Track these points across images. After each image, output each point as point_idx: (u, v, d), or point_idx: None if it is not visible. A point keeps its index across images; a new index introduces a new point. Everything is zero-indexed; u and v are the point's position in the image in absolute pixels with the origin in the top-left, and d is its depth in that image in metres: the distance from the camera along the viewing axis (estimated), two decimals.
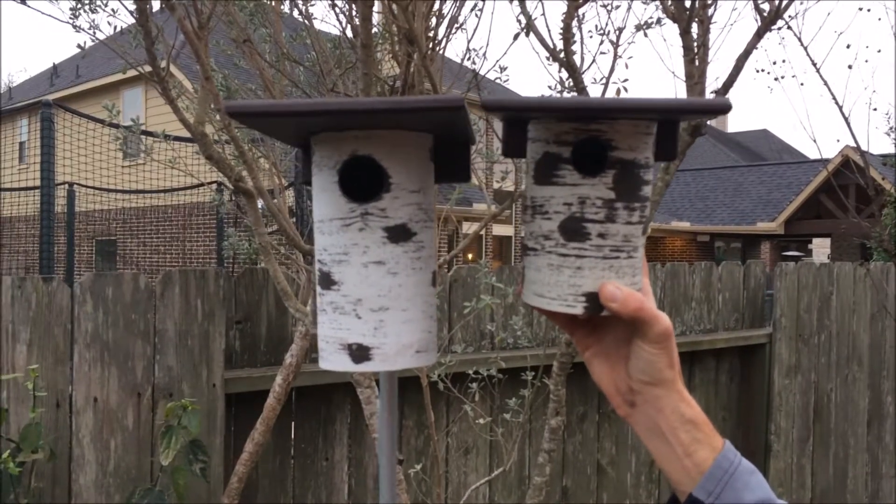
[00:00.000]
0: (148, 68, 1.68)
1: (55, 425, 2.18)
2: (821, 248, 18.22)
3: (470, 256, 12.81)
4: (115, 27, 2.10)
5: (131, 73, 2.09)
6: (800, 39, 3.15)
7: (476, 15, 2.15)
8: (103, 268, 12.82)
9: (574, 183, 0.65)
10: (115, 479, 2.26)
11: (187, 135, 1.72)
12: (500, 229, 17.89)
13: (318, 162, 0.68)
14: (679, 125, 0.69)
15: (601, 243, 0.65)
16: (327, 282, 0.68)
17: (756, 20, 1.87)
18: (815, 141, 3.70)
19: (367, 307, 0.66)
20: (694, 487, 0.66)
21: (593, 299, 0.65)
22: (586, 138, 0.64)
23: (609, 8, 2.04)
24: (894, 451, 4.65)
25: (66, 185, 7.94)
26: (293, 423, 2.70)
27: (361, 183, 0.67)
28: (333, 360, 0.68)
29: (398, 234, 0.67)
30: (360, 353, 0.67)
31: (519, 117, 0.69)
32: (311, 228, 2.66)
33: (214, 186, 7.18)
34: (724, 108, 0.62)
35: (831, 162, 12.10)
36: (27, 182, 8.43)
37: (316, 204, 0.69)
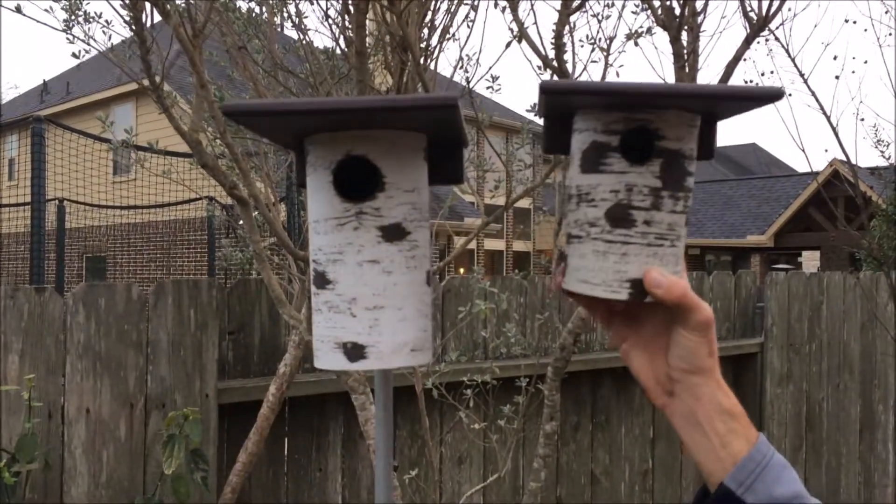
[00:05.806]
0: (144, 80, 1.68)
1: (47, 436, 2.17)
2: (810, 261, 18.30)
3: (462, 271, 12.82)
4: (109, 36, 2.10)
5: (122, 89, 2.10)
6: (787, 50, 3.19)
7: (468, 25, 2.17)
8: None
9: (622, 171, 0.65)
10: (107, 490, 2.24)
11: (179, 149, 1.72)
12: (491, 243, 17.92)
13: (313, 162, 0.68)
14: (716, 124, 0.69)
15: (647, 230, 0.65)
16: (322, 281, 0.68)
17: (745, 27, 1.90)
18: (803, 151, 3.73)
19: (362, 306, 0.67)
20: (725, 477, 0.66)
21: (638, 285, 0.66)
22: (635, 127, 0.64)
23: (600, 17, 2.06)
24: (886, 460, 4.66)
25: (57, 201, 7.92)
26: (286, 434, 2.69)
27: (356, 182, 0.67)
28: (328, 359, 0.68)
29: (393, 233, 0.67)
30: (355, 351, 0.67)
31: (566, 108, 0.69)
32: (302, 239, 2.67)
33: (206, 201, 7.18)
34: (777, 95, 0.61)
35: (821, 173, 12.21)
36: (16, 198, 8.41)
37: (311, 204, 0.70)
